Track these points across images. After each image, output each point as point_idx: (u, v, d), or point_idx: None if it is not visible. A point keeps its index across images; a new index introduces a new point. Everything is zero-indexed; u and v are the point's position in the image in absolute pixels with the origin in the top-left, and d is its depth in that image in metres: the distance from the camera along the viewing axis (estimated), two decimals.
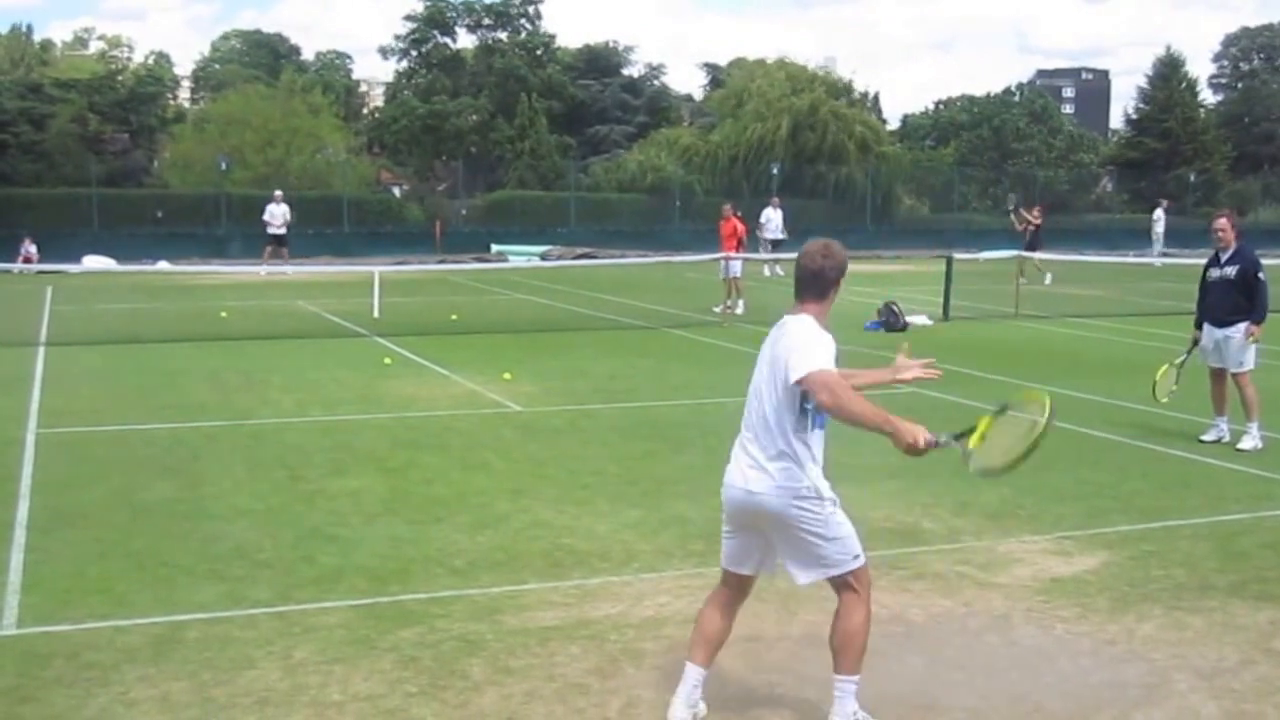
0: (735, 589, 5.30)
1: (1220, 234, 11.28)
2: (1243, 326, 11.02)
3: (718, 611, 5.26)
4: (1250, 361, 11.15)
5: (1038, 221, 32.84)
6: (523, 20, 67.32)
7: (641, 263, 33.86)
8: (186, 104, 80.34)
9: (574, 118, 66.67)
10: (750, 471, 4.99)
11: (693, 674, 5.18)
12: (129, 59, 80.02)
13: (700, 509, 8.70)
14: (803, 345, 4.88)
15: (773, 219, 34.66)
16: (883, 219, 55.79)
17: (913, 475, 9.76)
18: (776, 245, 33.83)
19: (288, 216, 34.74)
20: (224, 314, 22.58)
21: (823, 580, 5.09)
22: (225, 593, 6.86)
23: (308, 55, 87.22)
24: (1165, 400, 11.45)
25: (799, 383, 4.82)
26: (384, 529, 8.20)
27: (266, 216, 34.69)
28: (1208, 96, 77.73)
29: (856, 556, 5.02)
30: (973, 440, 5.08)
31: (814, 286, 5.06)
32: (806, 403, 4.89)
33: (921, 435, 4.87)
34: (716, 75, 77.30)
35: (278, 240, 34.45)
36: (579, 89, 68.38)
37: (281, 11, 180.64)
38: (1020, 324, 22.02)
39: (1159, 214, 42.22)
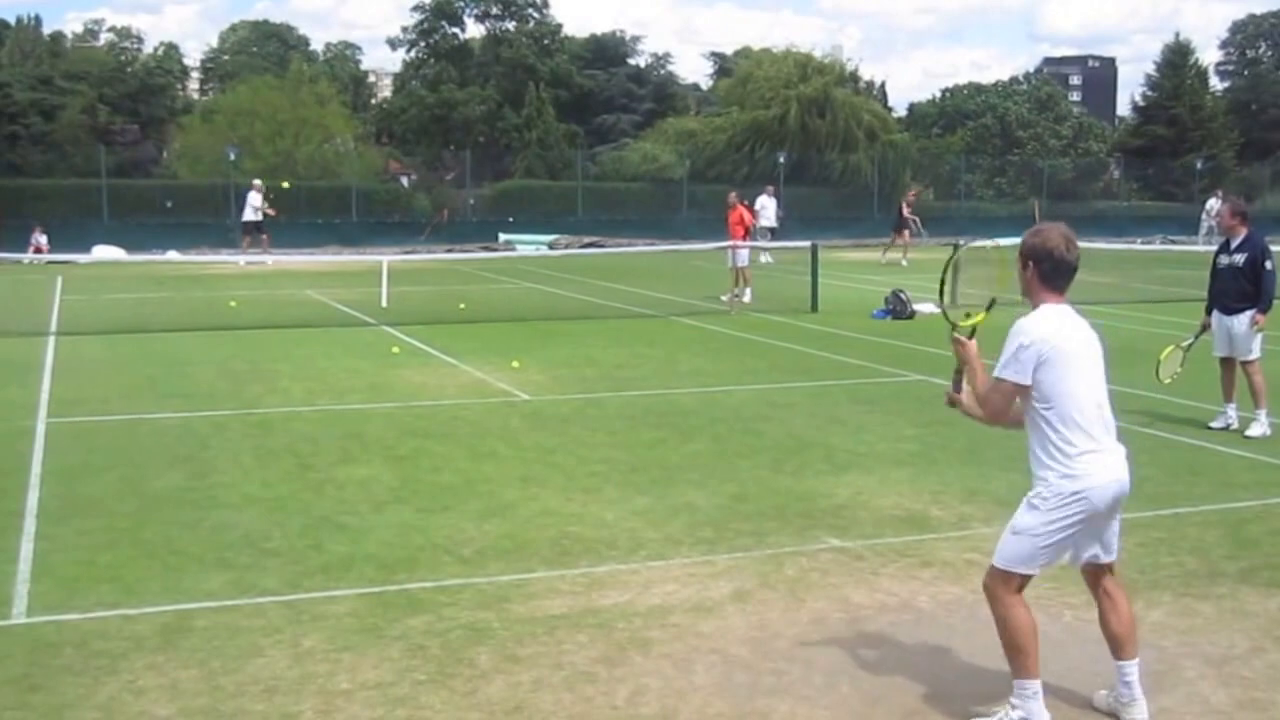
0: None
1: (1217, 221, 11.36)
2: (1250, 314, 11.01)
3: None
4: (1257, 349, 11.14)
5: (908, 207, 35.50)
6: (530, 10, 67.34)
7: (649, 251, 33.84)
8: (196, 95, 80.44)
9: (581, 107, 66.68)
10: (1125, 462, 5.05)
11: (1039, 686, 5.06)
12: (139, 50, 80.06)
13: (709, 497, 8.71)
14: None
15: (767, 207, 34.72)
16: (889, 207, 55.67)
17: (922, 463, 9.77)
18: (772, 234, 33.91)
19: (257, 203, 34.35)
20: (233, 303, 22.59)
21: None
22: (234, 581, 6.87)
23: (316, 46, 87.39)
24: (1168, 381, 11.43)
25: None
26: (392, 517, 8.21)
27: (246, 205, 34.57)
28: (1215, 83, 77.65)
29: None
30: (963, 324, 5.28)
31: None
32: None
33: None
34: (723, 64, 77.23)
35: (256, 228, 34.26)
36: (586, 78, 68.39)
37: (293, 1, 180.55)
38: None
39: (1213, 203, 42.47)
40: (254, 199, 34.41)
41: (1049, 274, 5.00)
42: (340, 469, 9.61)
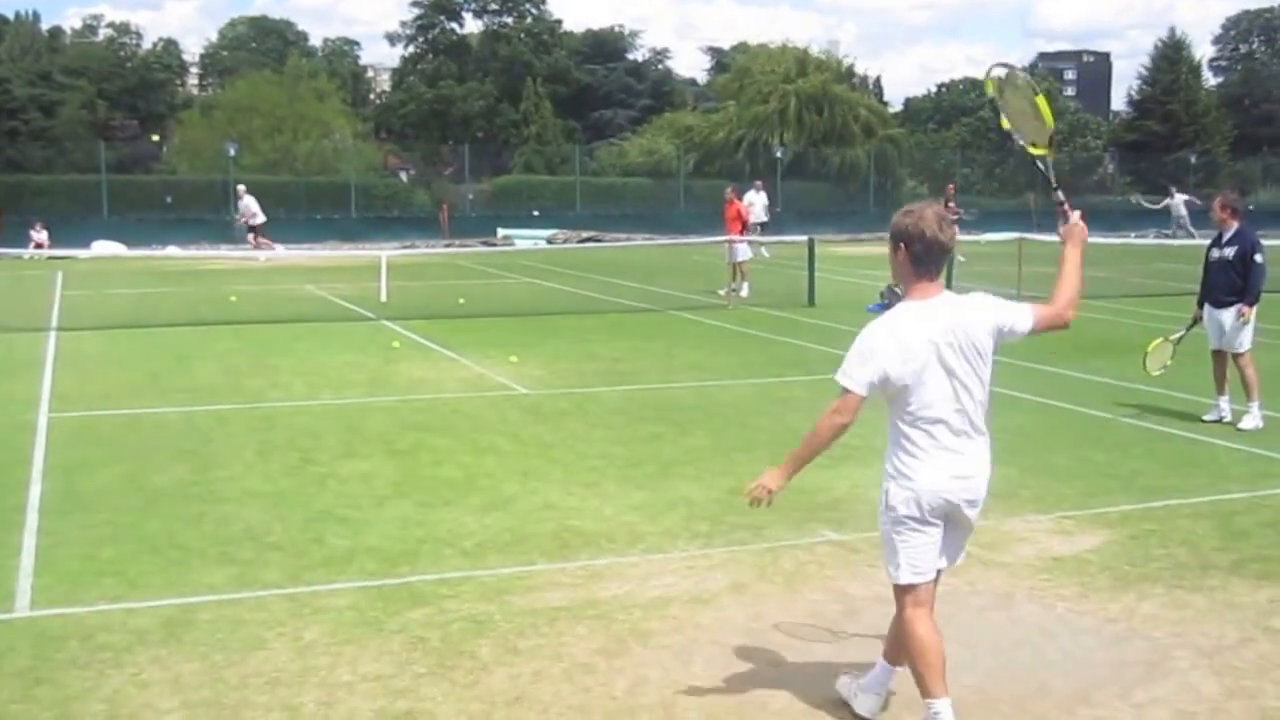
0: (932, 594, 5.00)
1: (1211, 215, 11.46)
2: (1237, 307, 11.05)
3: (934, 626, 4.94)
4: (1247, 342, 11.19)
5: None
6: (528, 5, 67.35)
7: (646, 246, 33.86)
8: (195, 91, 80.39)
9: (579, 102, 66.74)
10: (988, 458, 5.09)
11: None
12: (138, 46, 79.98)
13: (706, 490, 8.76)
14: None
15: (755, 203, 34.77)
16: (885, 201, 55.74)
17: None
18: (762, 228, 33.98)
19: (253, 207, 35.49)
20: (233, 298, 22.63)
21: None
22: (236, 575, 6.92)
23: (315, 41, 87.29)
24: (1157, 374, 11.49)
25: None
26: (393, 511, 8.27)
27: (241, 210, 35.56)
28: (1208, 78, 77.81)
29: None
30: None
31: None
32: None
33: None
34: (721, 59, 77.25)
35: (258, 229, 35.15)
36: (584, 73, 68.44)
37: None
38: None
39: (1178, 200, 43.72)
40: (253, 204, 35.30)
41: (920, 255, 4.71)
42: (341, 463, 9.66)
